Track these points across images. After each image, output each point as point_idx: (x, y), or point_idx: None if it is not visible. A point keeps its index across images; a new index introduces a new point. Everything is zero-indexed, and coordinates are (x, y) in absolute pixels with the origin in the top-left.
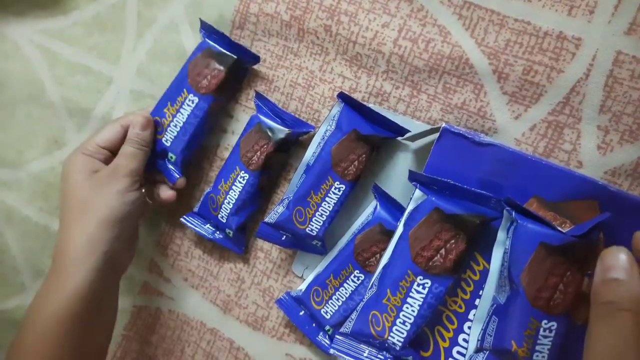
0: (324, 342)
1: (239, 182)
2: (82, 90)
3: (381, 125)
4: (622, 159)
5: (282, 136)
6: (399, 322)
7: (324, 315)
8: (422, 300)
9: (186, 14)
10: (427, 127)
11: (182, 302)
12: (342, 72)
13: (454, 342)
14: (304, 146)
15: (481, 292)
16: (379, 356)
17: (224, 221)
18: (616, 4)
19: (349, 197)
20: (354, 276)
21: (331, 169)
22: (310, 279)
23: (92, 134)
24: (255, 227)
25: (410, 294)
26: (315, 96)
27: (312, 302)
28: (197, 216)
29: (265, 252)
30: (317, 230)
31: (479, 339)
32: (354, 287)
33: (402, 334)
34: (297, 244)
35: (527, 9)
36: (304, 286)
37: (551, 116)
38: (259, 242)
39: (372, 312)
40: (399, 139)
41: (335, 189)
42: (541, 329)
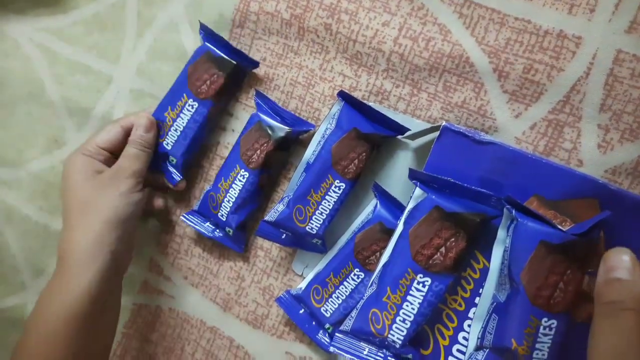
0: (323, 340)
1: (239, 180)
2: (82, 89)
3: (381, 123)
4: (623, 157)
5: (282, 134)
6: (399, 320)
7: (324, 313)
8: (422, 298)
9: (186, 13)
10: (428, 126)
11: (182, 301)
12: (343, 71)
13: (454, 340)
14: (304, 145)
15: (481, 290)
16: (379, 354)
17: (224, 219)
18: (617, 3)
19: (349, 196)
20: (354, 274)
21: (331, 167)
22: (310, 277)
23: (92, 134)
24: (255, 226)
25: (410, 292)
26: (315, 95)
27: (312, 301)
28: (197, 214)
29: (265, 250)
30: (317, 228)
31: (479, 337)
32: (354, 286)
33: (402, 332)
34: (297, 242)
35: (527, 7)
36: (304, 284)
37: (551, 115)
38: (259, 241)
39: (372, 310)
40: (399, 137)
41: (335, 187)
42: (541, 327)
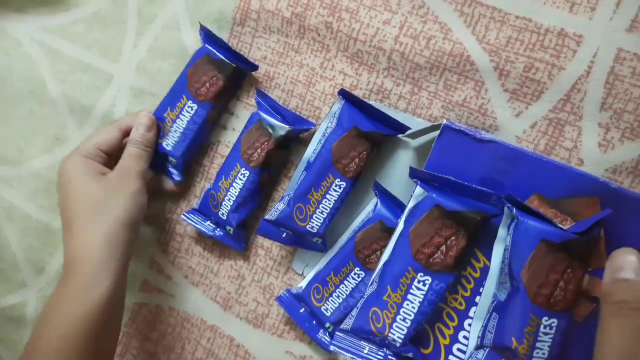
0: (324, 339)
1: (240, 179)
2: (83, 87)
3: (382, 122)
4: (623, 156)
5: (282, 133)
6: (399, 319)
7: (324, 312)
8: (422, 297)
9: (187, 11)
10: (428, 124)
11: (183, 299)
12: (343, 69)
13: (454, 339)
14: (305, 143)
15: (481, 289)
16: (379, 353)
17: (225, 218)
18: (617, 1)
19: (350, 194)
20: (355, 273)
21: (332, 166)
22: (310, 276)
23: (89, 136)
24: (255, 224)
25: (410, 291)
26: (316, 93)
27: (313, 300)
28: (197, 213)
29: (265, 249)
30: (317, 227)
31: (479, 335)
32: (355, 285)
33: (403, 330)
34: (298, 241)
35: (528, 6)
36: (304, 283)
37: (552, 113)
38: (260, 240)
39: (373, 308)
40: (400, 136)
41: (335, 186)
42: (542, 326)
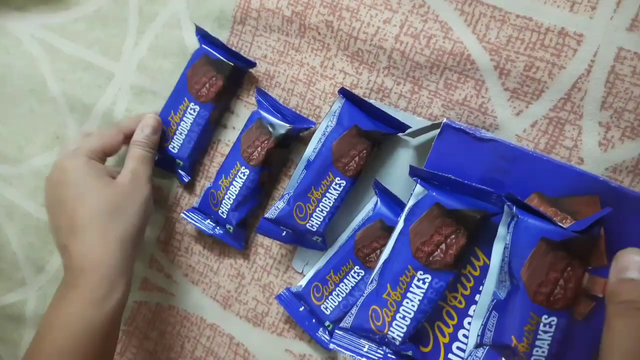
0: (323, 338)
1: (240, 177)
2: (83, 85)
3: (382, 121)
4: (623, 155)
5: (282, 132)
6: (399, 317)
7: (324, 311)
8: (422, 295)
9: (188, 9)
10: (428, 123)
11: (182, 298)
12: (344, 68)
13: (453, 338)
14: (305, 142)
15: (481, 287)
16: (379, 351)
17: (224, 217)
18: (618, 1)
19: (350, 193)
20: (354, 272)
21: (332, 164)
22: (310, 274)
23: (94, 138)
24: (255, 223)
25: (410, 289)
26: (316, 92)
27: (312, 298)
28: (197, 212)
29: (265, 248)
30: (317, 226)
31: (479, 334)
32: (354, 283)
33: (402, 328)
34: (298, 239)
35: (529, 5)
36: (304, 282)
37: (552, 112)
38: (259, 238)
39: (372, 306)
40: (400, 135)
41: (335, 184)
42: (541, 324)
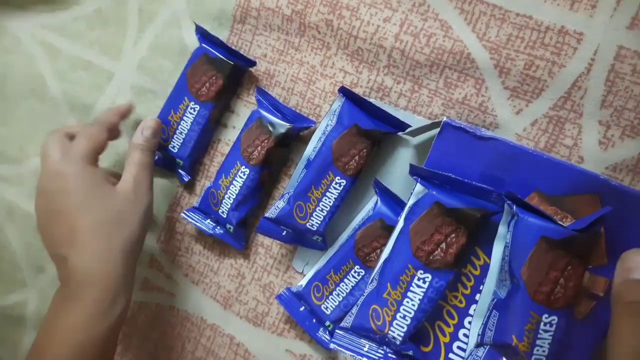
0: (324, 337)
1: (240, 177)
2: (83, 85)
3: (382, 120)
4: (624, 154)
5: (283, 131)
6: (400, 317)
7: (324, 310)
8: (422, 294)
9: (187, 9)
10: (428, 122)
11: (183, 298)
12: (344, 67)
13: (454, 337)
14: (305, 141)
15: (482, 286)
16: (379, 351)
17: (225, 216)
18: None
19: (350, 192)
20: (355, 271)
21: (332, 163)
22: (310, 274)
23: (83, 139)
24: (255, 223)
25: (410, 288)
26: (316, 91)
27: (313, 298)
28: (197, 211)
29: (265, 247)
30: (317, 225)
31: (480, 333)
32: (355, 283)
33: (403, 328)
34: (298, 239)
35: (528, 3)
36: (304, 282)
37: (552, 111)
38: (260, 238)
39: (373, 306)
40: (400, 134)
41: (336, 184)
42: (542, 323)
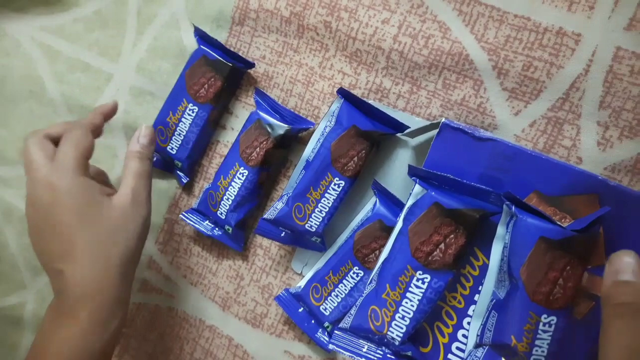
0: (323, 339)
1: (238, 178)
2: (82, 87)
3: (381, 121)
4: (622, 155)
5: (281, 132)
6: (398, 317)
7: (323, 311)
8: (421, 295)
9: (186, 10)
10: (427, 123)
11: (181, 299)
12: (342, 69)
13: (453, 338)
14: (304, 142)
15: (481, 287)
16: (378, 351)
17: (223, 217)
18: (615, 0)
19: (349, 193)
20: (353, 272)
21: (330, 165)
22: (309, 275)
23: (66, 146)
24: (254, 224)
25: (409, 289)
26: (314, 92)
27: (311, 299)
28: (196, 213)
29: (264, 249)
30: (316, 226)
31: (478, 334)
32: (353, 284)
33: (402, 329)
34: (296, 240)
35: (527, 5)
36: (303, 283)
37: (551, 112)
38: (258, 239)
39: (371, 307)
40: (399, 135)
41: (334, 185)
42: (541, 324)
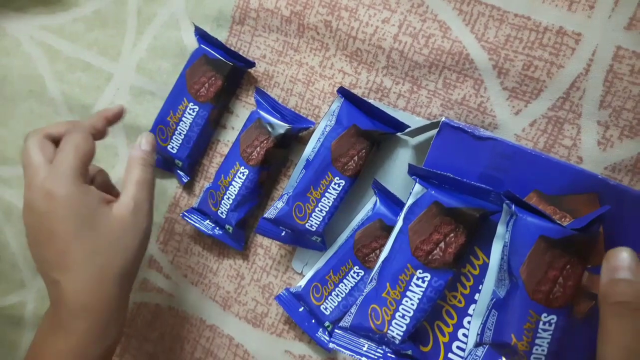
0: (323, 338)
1: (239, 177)
2: (82, 86)
3: (381, 120)
4: (622, 154)
5: (282, 132)
6: (399, 316)
7: (324, 311)
8: (421, 294)
9: (186, 10)
10: (427, 122)
11: (182, 299)
12: (342, 68)
13: (453, 337)
14: (304, 142)
15: (481, 286)
16: (378, 350)
17: (224, 217)
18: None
19: (349, 193)
20: (354, 272)
21: (331, 164)
22: (309, 275)
23: (65, 151)
24: (254, 224)
25: (409, 288)
26: (315, 92)
27: (312, 298)
28: (196, 212)
29: (264, 248)
30: (316, 225)
31: (479, 333)
32: (354, 283)
33: (402, 327)
34: (297, 240)
35: (527, 4)
36: (303, 282)
37: (551, 112)
38: (259, 239)
39: (372, 305)
40: (399, 134)
41: (335, 184)
42: (541, 322)
